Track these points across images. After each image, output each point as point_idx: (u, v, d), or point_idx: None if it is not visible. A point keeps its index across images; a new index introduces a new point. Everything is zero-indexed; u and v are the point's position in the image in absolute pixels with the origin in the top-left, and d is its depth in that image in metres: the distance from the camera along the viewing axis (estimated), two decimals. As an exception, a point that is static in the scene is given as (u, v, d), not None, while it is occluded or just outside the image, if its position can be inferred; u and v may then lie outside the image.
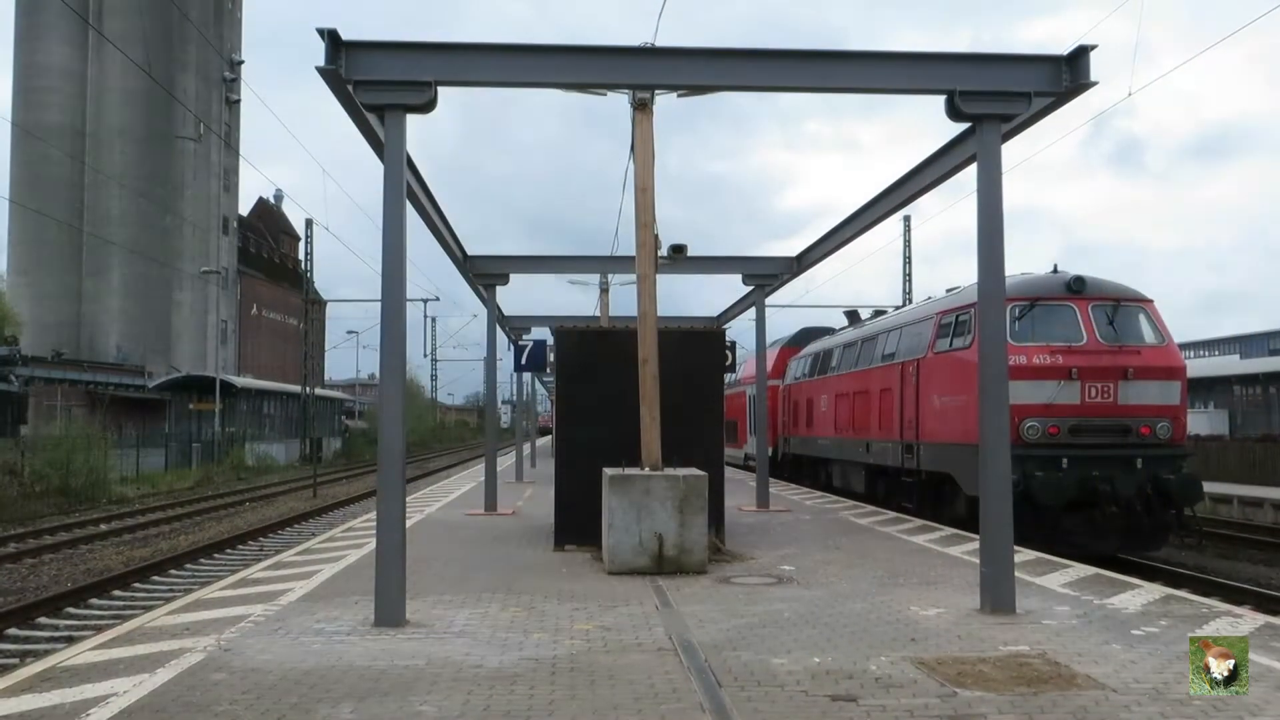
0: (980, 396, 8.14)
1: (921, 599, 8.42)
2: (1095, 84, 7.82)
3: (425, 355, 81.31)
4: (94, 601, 12.64)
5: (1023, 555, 10.48)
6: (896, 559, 10.87)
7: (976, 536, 8.78)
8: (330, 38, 7.48)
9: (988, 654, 6.44)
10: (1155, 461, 13.53)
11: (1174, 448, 13.79)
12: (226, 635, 6.98)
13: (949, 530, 13.57)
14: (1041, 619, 7.58)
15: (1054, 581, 9.32)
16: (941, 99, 8.05)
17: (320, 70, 7.53)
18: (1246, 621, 7.57)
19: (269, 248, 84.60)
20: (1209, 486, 18.44)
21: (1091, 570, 10.06)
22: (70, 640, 10.00)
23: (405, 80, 7.68)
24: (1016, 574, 8.18)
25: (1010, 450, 8.17)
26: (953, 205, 33.21)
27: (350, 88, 7.69)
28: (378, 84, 7.68)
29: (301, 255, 56.29)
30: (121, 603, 12.71)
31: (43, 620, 11.49)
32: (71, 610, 12.07)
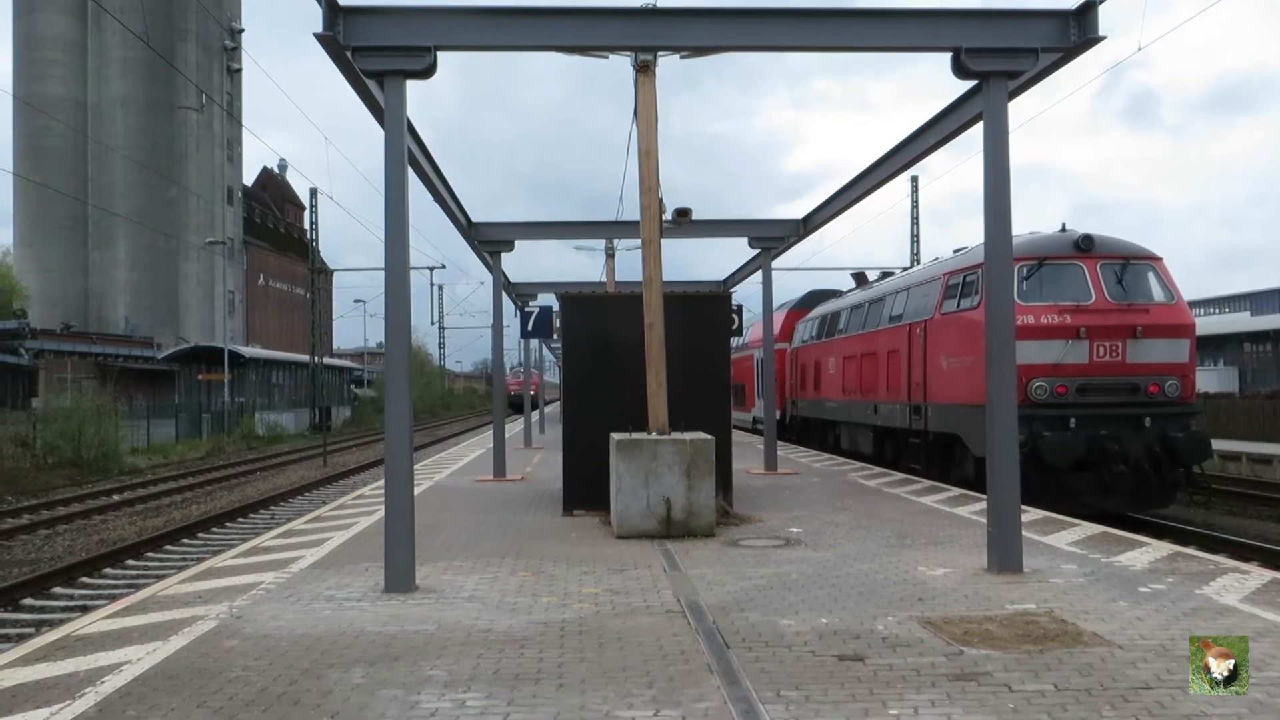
0: (987, 357, 8.11)
1: (929, 559, 8.45)
2: (1103, 39, 7.71)
3: (432, 323, 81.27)
4: (108, 571, 12.77)
5: (1030, 515, 10.50)
6: (904, 520, 10.89)
7: (984, 497, 8.79)
8: (327, 3, 7.39)
9: (994, 613, 6.47)
10: (1164, 420, 13.49)
11: (1183, 406, 13.75)
12: (238, 603, 7.05)
13: (957, 491, 13.59)
14: (1048, 577, 7.60)
15: (1061, 540, 9.34)
16: (948, 56, 7.95)
17: (318, 36, 7.45)
18: (1253, 578, 7.57)
19: (274, 217, 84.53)
20: (1218, 444, 18.44)
21: (1099, 529, 10.08)
22: (84, 609, 10.12)
23: (404, 45, 7.59)
24: (1024, 533, 8.20)
25: (1018, 410, 8.16)
26: (963, 163, 33.09)
27: (349, 54, 7.61)
28: (376, 50, 7.61)
29: (306, 225, 56.18)
30: (135, 572, 12.84)
31: (57, 590, 11.61)
32: (85, 580, 12.20)
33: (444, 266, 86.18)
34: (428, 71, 7.66)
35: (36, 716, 4.66)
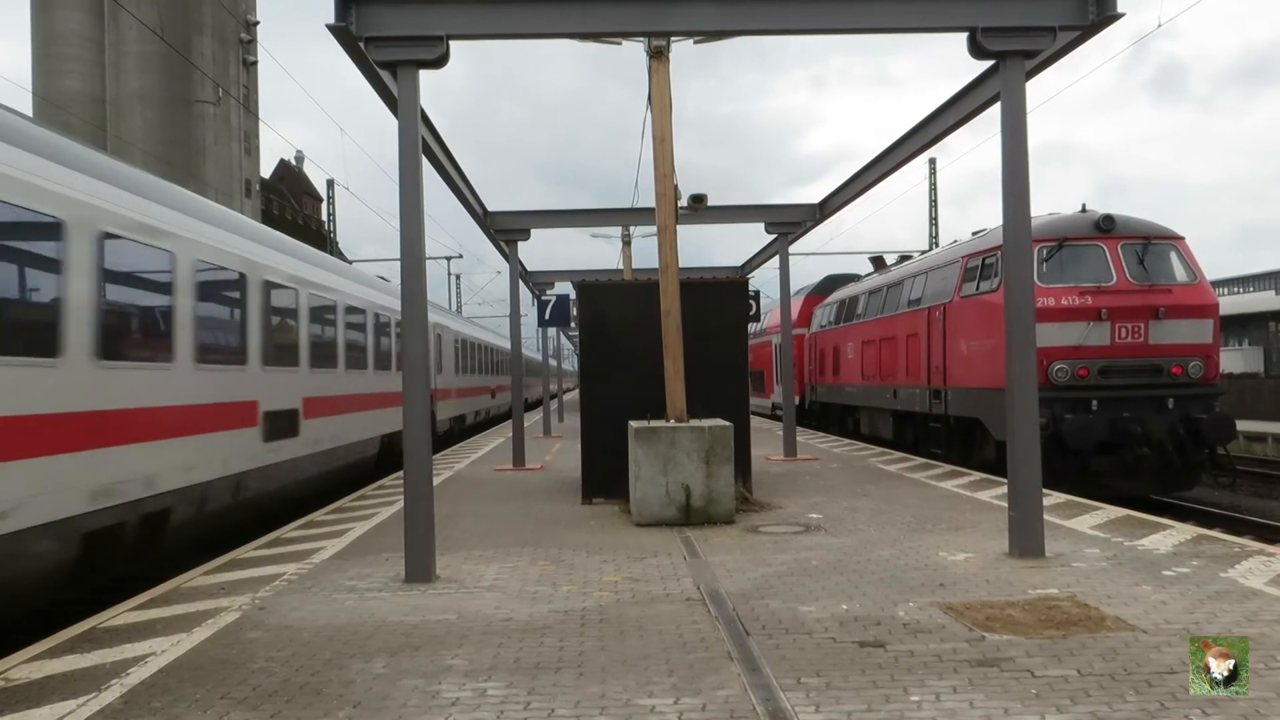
0: (1007, 339, 8.04)
1: (950, 544, 8.41)
2: (1122, 16, 7.59)
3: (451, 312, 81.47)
4: (133, 563, 12.87)
5: (1052, 498, 10.44)
6: (925, 505, 10.85)
7: (1005, 480, 8.73)
8: (339, -6, 7.38)
9: (1016, 598, 6.43)
10: (1187, 401, 13.38)
11: (1206, 387, 13.63)
12: (261, 594, 7.10)
13: (978, 475, 13.52)
14: (1071, 562, 7.55)
15: (1084, 524, 9.27)
16: (964, 36, 7.86)
17: (330, 28, 7.45)
18: (1279, 559, 7.49)
19: (292, 209, 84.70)
20: (1243, 425, 18.26)
21: (1122, 512, 10.00)
22: (110, 601, 10.20)
23: (416, 35, 7.57)
24: (1046, 517, 8.14)
25: (1039, 393, 8.09)
26: (984, 142, 32.77)
27: (361, 44, 7.60)
28: (389, 40, 7.59)
29: (324, 216, 56.34)
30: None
31: (84, 582, 11.71)
32: (112, 572, 12.30)
33: (461, 256, 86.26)
34: (440, 61, 7.64)
35: (64, 708, 4.71)
